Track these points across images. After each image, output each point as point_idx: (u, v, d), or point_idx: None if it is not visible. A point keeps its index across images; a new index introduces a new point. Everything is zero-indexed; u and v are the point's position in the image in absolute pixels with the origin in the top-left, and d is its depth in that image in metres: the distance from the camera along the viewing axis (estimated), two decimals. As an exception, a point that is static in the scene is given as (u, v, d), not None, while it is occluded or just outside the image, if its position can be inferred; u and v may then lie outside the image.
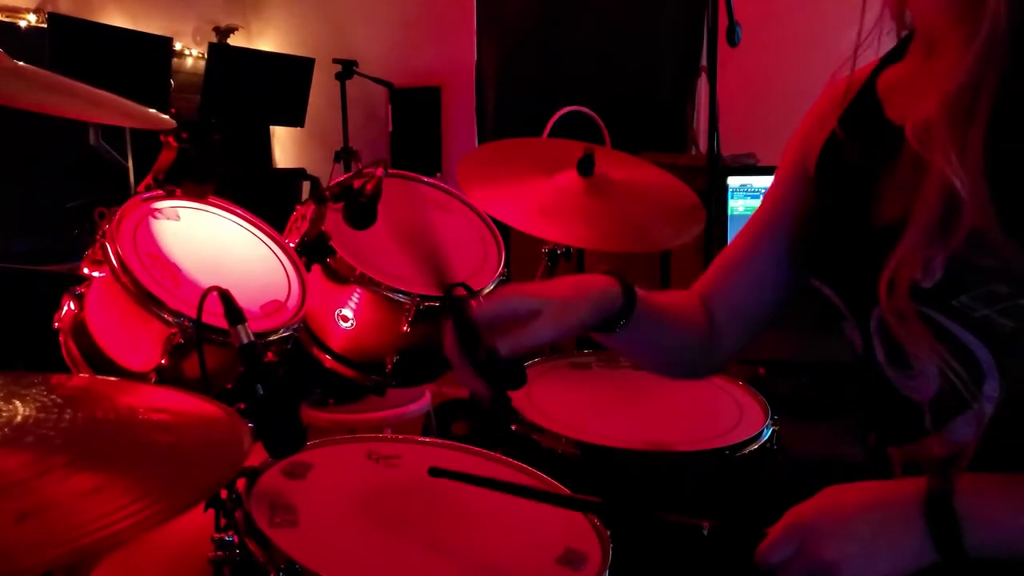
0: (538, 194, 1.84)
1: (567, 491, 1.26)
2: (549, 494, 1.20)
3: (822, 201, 1.08)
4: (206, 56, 5.06)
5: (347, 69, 5.10)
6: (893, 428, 1.00)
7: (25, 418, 0.79)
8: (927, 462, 0.95)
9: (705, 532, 0.99)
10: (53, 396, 0.85)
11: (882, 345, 0.95)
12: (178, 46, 5.36)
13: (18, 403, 0.82)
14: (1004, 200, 0.82)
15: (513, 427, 1.50)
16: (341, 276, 1.69)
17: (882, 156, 0.97)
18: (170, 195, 1.58)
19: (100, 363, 1.45)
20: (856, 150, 1.02)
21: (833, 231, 1.04)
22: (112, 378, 1.37)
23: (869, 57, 1.07)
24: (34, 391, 0.85)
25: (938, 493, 0.84)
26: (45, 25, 4.29)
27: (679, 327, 1.18)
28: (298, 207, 1.75)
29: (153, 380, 1.38)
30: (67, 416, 0.80)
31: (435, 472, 1.14)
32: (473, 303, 1.04)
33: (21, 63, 1.29)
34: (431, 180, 1.99)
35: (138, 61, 4.33)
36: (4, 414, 0.79)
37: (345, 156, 5.13)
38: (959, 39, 0.89)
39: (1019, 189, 0.82)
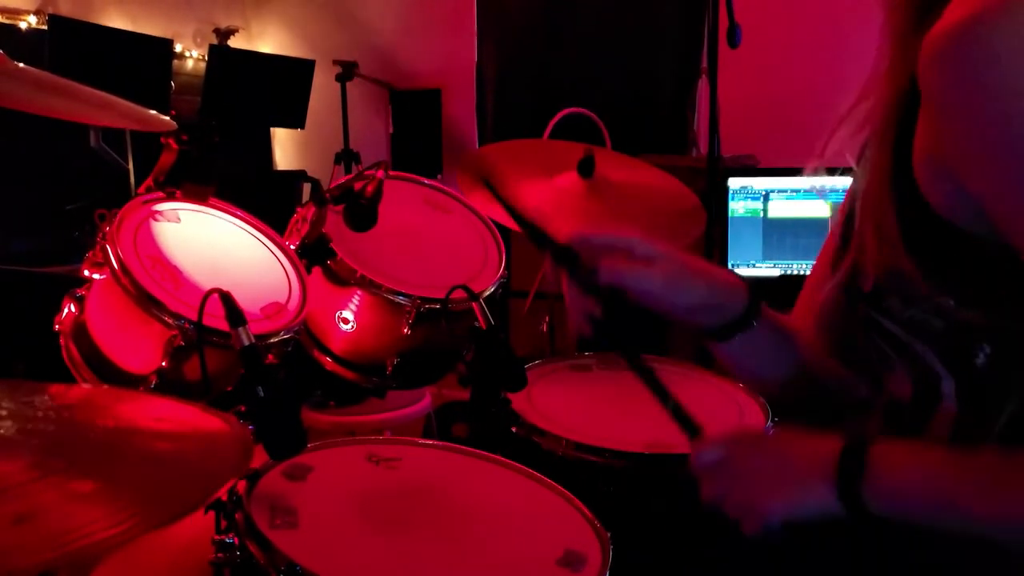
0: (538, 195, 1.84)
1: (568, 493, 1.26)
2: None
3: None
4: (206, 58, 5.06)
5: (347, 71, 5.10)
6: (891, 426, 1.00)
7: (24, 423, 0.79)
8: None
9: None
10: (53, 404, 0.85)
11: (871, 346, 0.96)
12: (178, 48, 5.36)
13: (17, 410, 0.82)
14: (905, 220, 0.84)
15: (513, 429, 1.50)
16: (342, 278, 1.69)
17: None
18: (170, 197, 1.58)
19: (100, 365, 1.45)
20: None
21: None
22: (113, 387, 1.37)
23: None
24: (34, 399, 0.85)
25: (855, 442, 0.87)
26: (45, 27, 4.29)
27: (798, 347, 1.12)
28: (299, 209, 1.75)
29: (154, 382, 1.38)
30: (66, 422, 0.80)
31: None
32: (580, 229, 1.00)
33: (21, 65, 1.30)
34: (431, 182, 1.99)
35: (138, 63, 4.33)
36: (3, 419, 0.79)
37: (345, 158, 5.13)
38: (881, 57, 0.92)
39: (909, 212, 0.84)
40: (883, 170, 0.86)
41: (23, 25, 4.67)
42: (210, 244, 1.58)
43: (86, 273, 1.45)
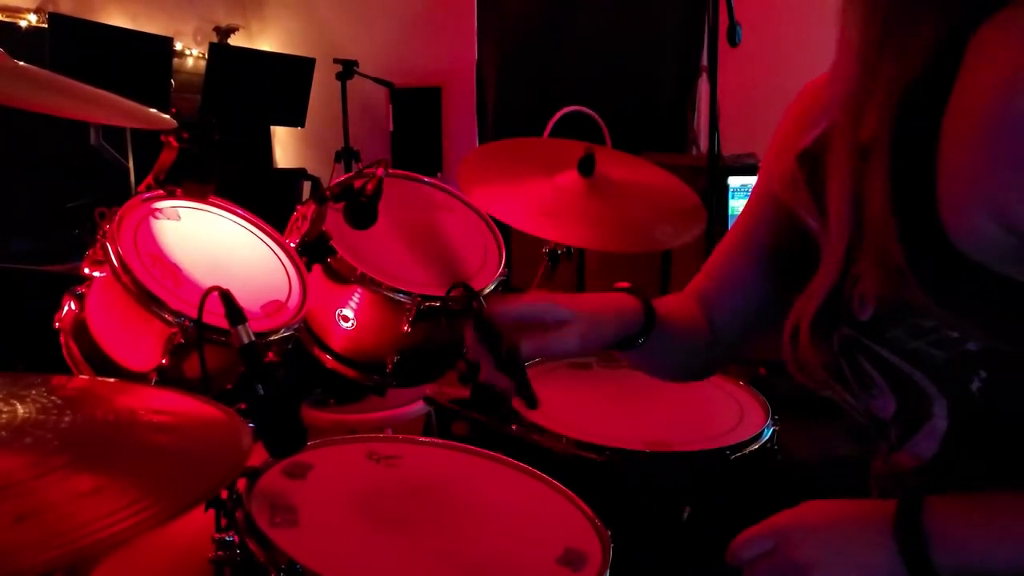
0: (539, 194, 1.83)
1: (568, 491, 1.26)
2: None
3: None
4: (207, 56, 5.06)
5: (347, 69, 5.10)
6: (872, 443, 1.01)
7: (24, 419, 0.79)
8: (898, 475, 0.96)
9: (684, 516, 1.01)
10: (53, 397, 0.85)
11: (847, 364, 0.95)
12: (179, 46, 5.36)
13: (17, 404, 0.81)
14: (915, 256, 0.82)
15: (513, 427, 1.50)
16: (342, 276, 1.69)
17: None
18: (171, 195, 1.58)
19: (101, 363, 1.45)
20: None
21: (795, 237, 1.03)
22: (112, 380, 1.37)
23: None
24: (34, 392, 0.85)
25: (907, 511, 0.85)
26: (46, 25, 4.29)
27: (687, 336, 1.17)
28: (299, 207, 1.74)
29: (154, 380, 1.38)
30: (67, 417, 0.80)
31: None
32: (492, 303, 1.04)
33: (22, 63, 1.29)
34: (432, 180, 1.99)
35: (139, 61, 4.33)
36: (4, 415, 0.79)
37: (346, 156, 5.13)
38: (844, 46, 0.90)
39: (927, 248, 0.82)
40: (883, 195, 0.84)
41: (23, 23, 4.67)
42: (210, 242, 1.58)
43: (86, 271, 1.45)
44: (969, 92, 0.78)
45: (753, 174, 2.87)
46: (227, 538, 1.07)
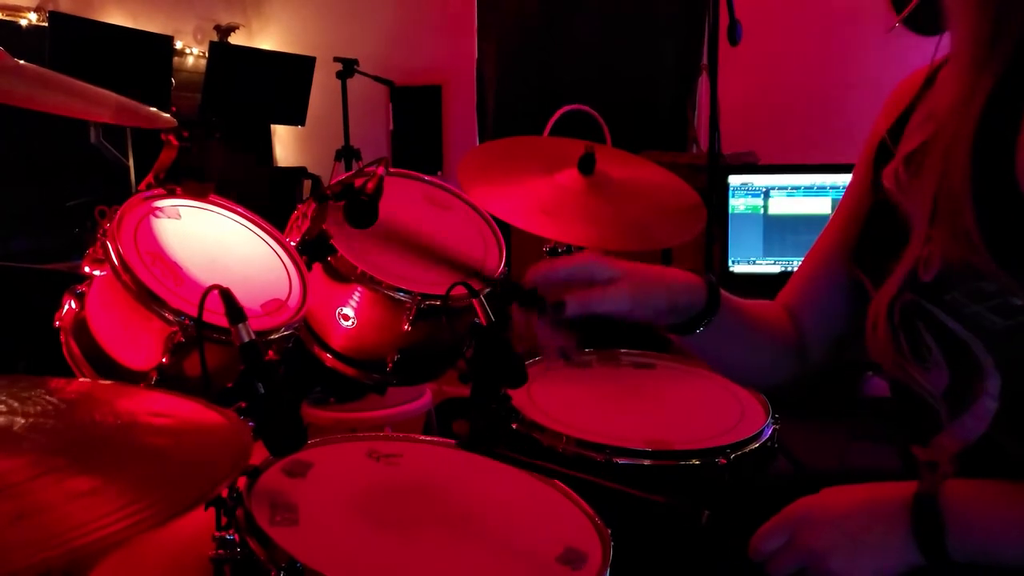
0: (539, 193, 1.83)
1: (569, 489, 1.26)
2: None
3: (875, 194, 1.08)
4: (207, 55, 5.06)
5: (348, 68, 5.10)
6: (916, 425, 1.00)
7: (24, 420, 0.79)
8: (944, 459, 0.95)
9: (703, 521, 1.01)
10: (52, 399, 0.85)
11: (905, 337, 0.95)
12: (179, 45, 5.36)
13: (17, 405, 0.81)
14: (984, 217, 0.83)
15: (514, 425, 1.50)
16: (342, 275, 1.69)
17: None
18: (171, 194, 1.58)
19: (101, 362, 1.45)
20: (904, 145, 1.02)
21: (876, 225, 1.04)
22: (111, 382, 1.37)
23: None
24: (33, 394, 0.85)
25: (924, 496, 0.86)
26: (46, 24, 4.29)
27: (765, 332, 1.15)
28: (299, 206, 1.74)
29: (154, 379, 1.38)
30: (66, 419, 0.80)
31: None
32: (536, 266, 1.01)
33: (22, 62, 1.30)
34: (432, 179, 1.99)
35: (139, 60, 4.34)
36: (2, 417, 0.79)
37: (346, 155, 5.13)
38: (959, 52, 0.90)
39: (998, 209, 0.83)
40: (961, 164, 0.84)
41: (23, 22, 4.67)
42: (210, 241, 1.58)
43: (86, 270, 1.45)
44: None
45: (753, 173, 2.87)
46: (227, 536, 1.07)
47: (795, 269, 1.23)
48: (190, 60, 5.62)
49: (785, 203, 2.77)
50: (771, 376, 1.22)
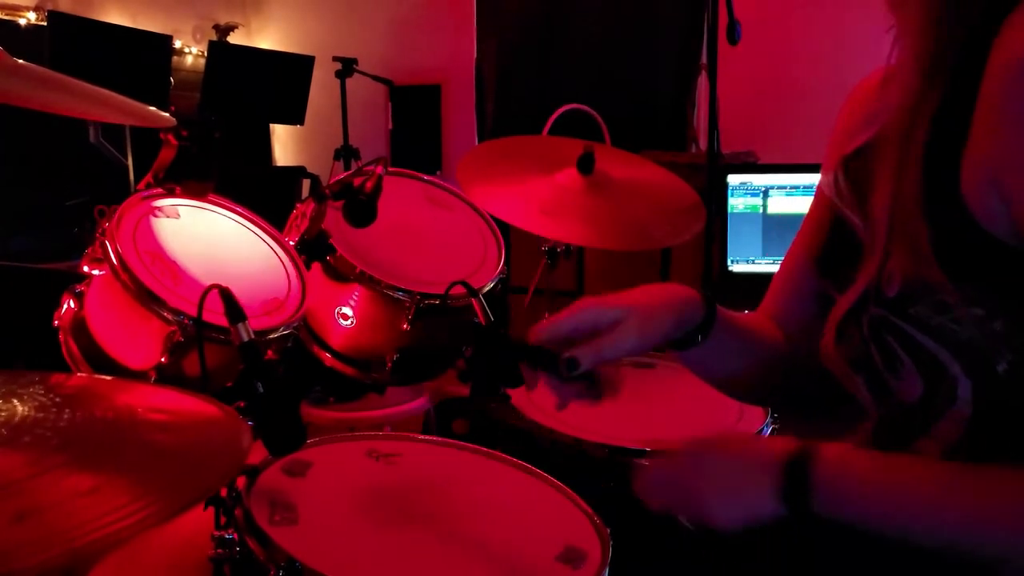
0: (538, 192, 1.83)
1: (568, 489, 1.26)
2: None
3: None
4: (206, 54, 5.06)
5: (347, 67, 5.10)
6: (892, 432, 1.00)
7: (23, 417, 0.79)
8: None
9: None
10: (52, 395, 0.85)
11: (876, 348, 0.96)
12: (178, 44, 5.36)
13: (16, 402, 0.81)
14: (936, 234, 0.83)
15: (514, 424, 1.50)
16: (341, 274, 1.69)
17: None
18: (170, 193, 1.58)
19: (100, 361, 1.45)
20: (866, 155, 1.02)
21: (837, 234, 1.04)
22: (111, 377, 1.37)
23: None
24: (32, 390, 0.85)
25: (798, 456, 0.88)
26: (45, 23, 4.29)
27: (760, 344, 1.15)
28: (298, 205, 1.74)
29: (153, 378, 1.38)
30: (65, 415, 0.80)
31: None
32: (537, 326, 1.03)
33: (21, 61, 1.29)
34: (431, 178, 1.99)
35: (138, 59, 4.33)
36: (2, 413, 0.79)
37: (345, 154, 5.13)
38: (907, 60, 0.90)
39: (947, 226, 0.83)
40: (912, 178, 0.85)
41: (22, 21, 4.67)
42: (209, 240, 1.58)
43: (85, 269, 1.44)
44: (989, 73, 0.81)
45: (753, 172, 2.87)
46: (227, 536, 1.07)
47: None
48: (189, 59, 5.62)
49: (784, 202, 2.77)
50: (764, 389, 1.22)
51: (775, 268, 1.21)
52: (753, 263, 2.79)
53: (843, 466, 0.87)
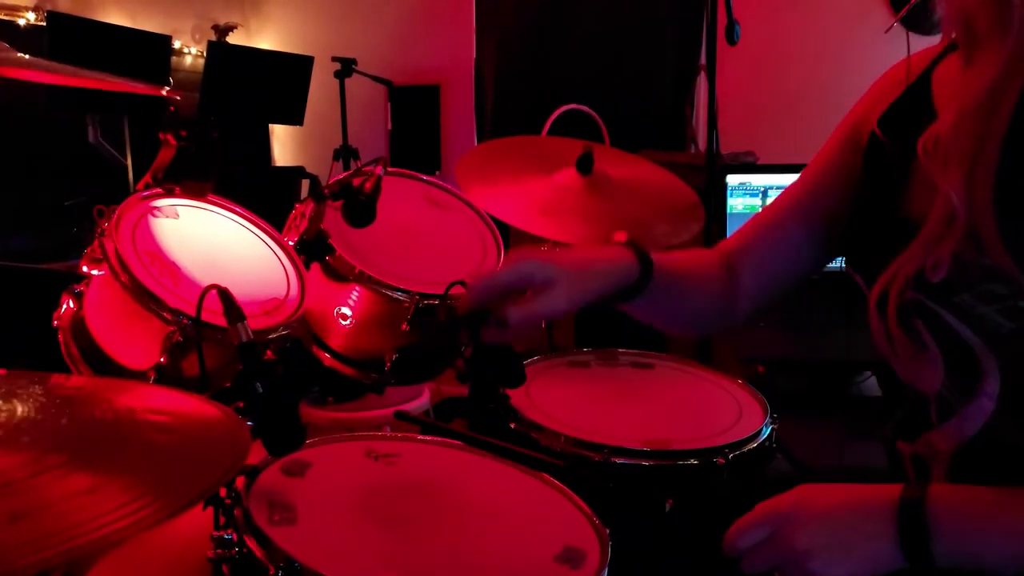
0: (537, 192, 1.84)
1: (566, 488, 1.26)
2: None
3: (863, 184, 1.08)
4: (205, 54, 5.06)
5: (346, 67, 5.10)
6: (905, 421, 1.00)
7: (22, 417, 0.79)
8: (931, 456, 0.95)
9: (667, 509, 1.02)
10: (51, 396, 0.85)
11: (899, 335, 0.95)
12: (177, 44, 5.36)
13: (16, 402, 0.81)
14: (1007, 219, 0.83)
15: (512, 425, 1.50)
16: (340, 274, 1.69)
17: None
18: (169, 193, 1.58)
19: (99, 361, 1.45)
20: (899, 137, 1.01)
21: (866, 217, 1.04)
22: (111, 378, 1.37)
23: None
24: (31, 390, 0.85)
25: (911, 501, 0.85)
26: (44, 23, 4.29)
27: (698, 288, 1.19)
28: (297, 205, 1.74)
29: (152, 378, 1.38)
30: (64, 416, 0.80)
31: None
32: (472, 281, 1.05)
33: (23, 55, 1.29)
34: (430, 178, 1.99)
35: (137, 59, 4.33)
36: (2, 413, 0.79)
37: (344, 154, 5.13)
38: (995, 45, 0.88)
39: (1020, 212, 0.83)
40: (988, 166, 0.84)
41: (21, 21, 4.67)
42: (209, 240, 1.58)
43: (84, 269, 1.45)
44: None
45: (752, 172, 2.87)
46: (225, 536, 1.07)
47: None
48: (188, 59, 5.62)
49: (783, 203, 2.77)
50: (698, 328, 1.31)
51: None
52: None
53: (958, 504, 0.85)
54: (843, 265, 1.11)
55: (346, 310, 1.71)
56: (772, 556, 0.91)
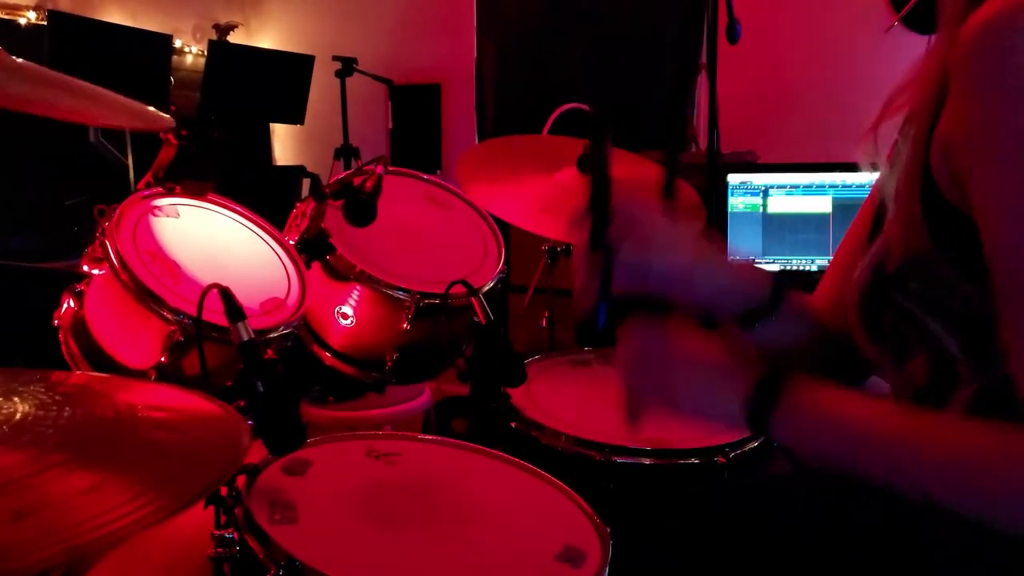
0: (538, 191, 1.84)
1: (568, 488, 1.26)
2: None
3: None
4: (206, 53, 5.06)
5: (347, 66, 5.09)
6: None
7: (23, 415, 0.79)
8: None
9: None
10: (51, 393, 0.85)
11: (890, 329, 0.95)
12: (178, 43, 5.36)
13: (16, 400, 0.81)
14: (928, 205, 0.84)
15: (513, 424, 1.50)
16: (341, 273, 1.69)
17: None
18: (170, 192, 1.58)
19: (100, 361, 1.45)
20: None
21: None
22: (111, 376, 1.37)
23: None
24: (32, 388, 0.85)
25: (776, 370, 0.89)
26: (45, 22, 4.28)
27: (825, 327, 1.13)
28: (298, 204, 1.74)
29: (153, 378, 1.38)
30: (65, 413, 0.80)
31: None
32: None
33: (20, 60, 1.29)
34: (431, 177, 1.99)
35: (138, 58, 4.33)
36: (2, 411, 0.79)
37: (345, 153, 5.13)
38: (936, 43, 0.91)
39: (935, 197, 0.84)
40: (915, 156, 0.86)
41: (22, 21, 4.67)
42: (209, 239, 1.58)
43: (85, 268, 1.45)
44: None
45: (752, 171, 2.87)
46: (226, 535, 1.07)
47: (794, 268, 1.24)
48: (189, 59, 5.62)
49: (784, 202, 2.77)
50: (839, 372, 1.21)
51: (776, 267, 1.21)
52: (753, 263, 2.78)
53: (815, 393, 0.87)
54: None
55: (347, 309, 1.71)
56: (646, 364, 0.99)
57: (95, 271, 1.44)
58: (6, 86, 1.19)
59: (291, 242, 1.68)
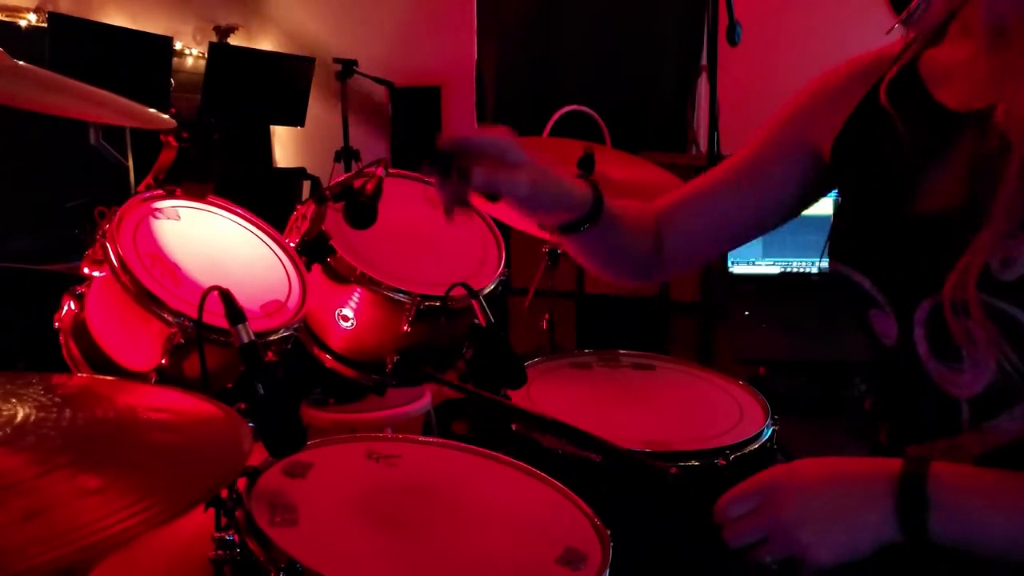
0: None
1: (568, 490, 1.26)
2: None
3: (848, 184, 1.07)
4: (206, 55, 5.06)
5: (347, 68, 5.10)
6: (918, 424, 0.98)
7: (25, 418, 0.79)
8: (960, 460, 0.93)
9: (668, 479, 1.03)
10: (53, 396, 0.85)
11: (928, 337, 0.93)
12: (178, 45, 5.36)
13: (16, 402, 0.81)
14: None
15: (513, 426, 1.50)
16: (341, 276, 1.69)
17: (930, 140, 0.95)
18: (170, 195, 1.58)
19: (100, 363, 1.45)
20: (901, 132, 0.99)
21: (867, 217, 1.02)
22: (112, 378, 1.37)
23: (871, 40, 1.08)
24: (32, 390, 0.85)
25: (913, 474, 0.84)
26: (45, 24, 4.29)
27: (632, 236, 1.24)
28: (298, 207, 1.74)
29: (153, 380, 1.38)
30: (67, 416, 0.80)
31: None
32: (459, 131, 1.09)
33: (21, 62, 1.29)
34: (432, 179, 1.98)
35: (138, 60, 4.33)
36: (4, 414, 0.79)
37: (345, 155, 5.14)
38: None
39: None
40: None
41: (23, 23, 4.67)
42: (210, 242, 1.58)
43: (86, 271, 1.45)
44: None
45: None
46: (227, 537, 1.07)
47: (795, 271, 1.25)
48: (189, 61, 5.62)
49: (784, 204, 2.77)
50: (625, 275, 1.31)
51: (776, 269, 1.24)
52: (753, 264, 2.78)
53: (959, 479, 0.83)
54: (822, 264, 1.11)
55: (347, 311, 1.71)
56: (758, 525, 0.89)
57: (96, 273, 1.44)
58: (7, 88, 1.19)
59: (291, 244, 1.68)
